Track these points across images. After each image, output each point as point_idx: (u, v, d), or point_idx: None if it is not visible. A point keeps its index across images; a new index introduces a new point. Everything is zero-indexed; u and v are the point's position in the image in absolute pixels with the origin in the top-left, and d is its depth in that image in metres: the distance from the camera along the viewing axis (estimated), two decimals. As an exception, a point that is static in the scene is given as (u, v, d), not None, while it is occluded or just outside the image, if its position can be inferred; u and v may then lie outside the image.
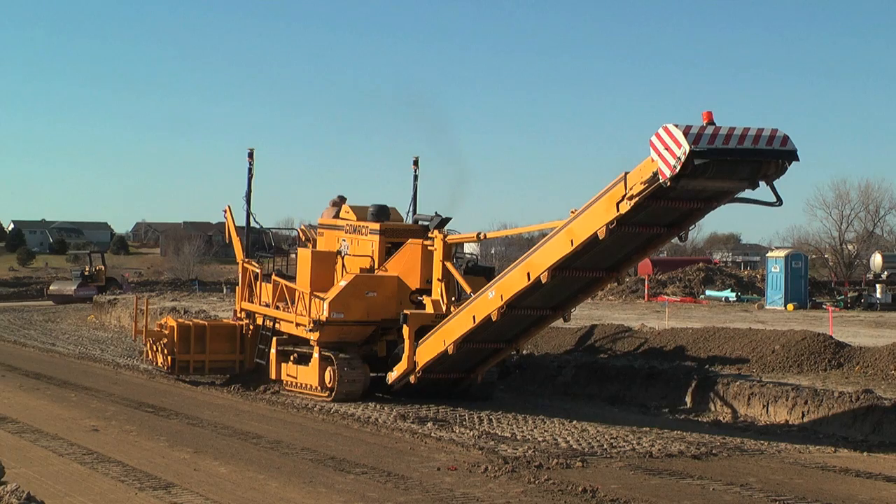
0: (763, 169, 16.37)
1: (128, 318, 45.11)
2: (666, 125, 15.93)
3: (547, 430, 18.76)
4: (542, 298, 19.74)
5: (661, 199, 16.78)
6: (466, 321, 20.17)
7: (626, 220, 17.21)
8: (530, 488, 13.87)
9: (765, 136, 16.10)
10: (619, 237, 17.73)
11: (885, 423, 18.45)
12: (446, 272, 21.77)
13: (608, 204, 17.13)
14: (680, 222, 18.03)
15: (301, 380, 23.38)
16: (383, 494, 13.38)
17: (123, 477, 14.19)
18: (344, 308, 22.22)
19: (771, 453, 16.98)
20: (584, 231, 17.69)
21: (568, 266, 18.62)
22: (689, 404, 21.82)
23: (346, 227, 24.17)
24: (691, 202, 17.27)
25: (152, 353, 26.33)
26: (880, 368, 22.11)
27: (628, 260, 19.25)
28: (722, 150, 15.86)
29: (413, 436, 18.05)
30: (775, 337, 24.71)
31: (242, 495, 13.22)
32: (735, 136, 15.93)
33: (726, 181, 16.62)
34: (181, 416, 20.01)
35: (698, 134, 15.74)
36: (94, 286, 63.96)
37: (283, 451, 16.33)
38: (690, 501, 13.39)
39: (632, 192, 16.64)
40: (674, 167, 15.76)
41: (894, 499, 13.83)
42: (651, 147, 16.12)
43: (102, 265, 69.69)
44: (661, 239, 19.02)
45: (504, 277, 19.61)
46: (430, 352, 21.09)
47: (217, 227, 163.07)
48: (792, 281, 48.08)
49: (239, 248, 26.71)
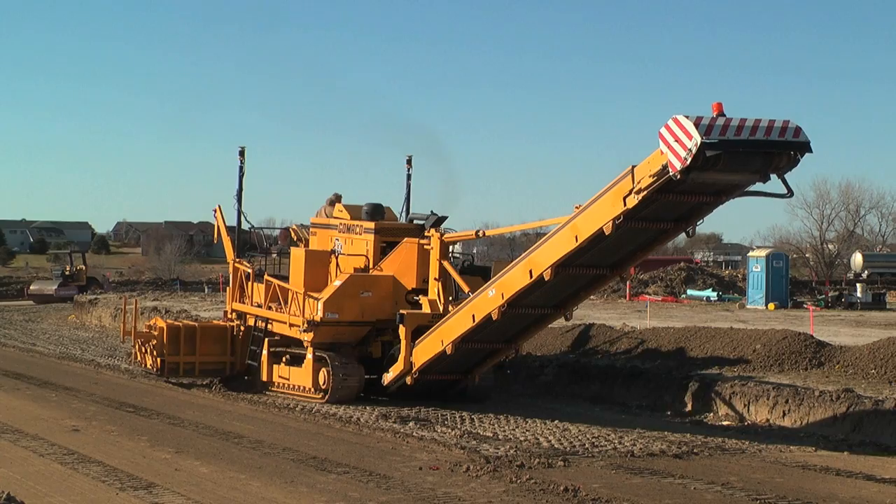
0: (775, 161, 16.05)
1: (109, 318, 45.01)
2: (676, 116, 15.56)
3: (529, 430, 18.77)
4: (543, 296, 19.41)
5: (670, 192, 16.46)
6: (466, 320, 19.85)
7: (633, 215, 16.87)
8: (512, 488, 13.88)
9: (777, 127, 15.77)
10: (625, 233, 17.36)
11: (865, 422, 18.51)
12: (443, 271, 21.44)
13: (615, 198, 16.76)
14: (688, 217, 17.69)
15: (294, 381, 22.99)
16: (365, 494, 13.37)
17: (104, 477, 14.14)
18: (338, 308, 21.87)
19: (752, 452, 17.03)
20: (589, 227, 17.30)
21: (571, 263, 18.28)
22: (671, 404, 21.86)
23: (339, 227, 23.82)
24: (700, 196, 16.94)
25: (141, 354, 25.76)
26: (861, 367, 22.19)
27: (633, 256, 18.93)
28: (734, 142, 15.52)
29: (395, 435, 18.03)
30: (756, 336, 24.77)
31: (224, 495, 13.19)
32: (747, 127, 15.59)
33: (737, 174, 16.29)
34: (162, 415, 19.96)
35: (710, 125, 15.38)
36: (74, 286, 63.71)
37: (265, 451, 16.30)
38: (672, 500, 13.42)
39: (640, 186, 16.25)
40: (684, 159, 15.36)
41: (874, 497, 13.89)
42: (660, 139, 15.72)
43: (83, 265, 69.43)
44: (668, 235, 18.57)
45: (505, 275, 19.24)
46: (428, 352, 20.75)
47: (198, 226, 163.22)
48: (773, 280, 48.24)
49: (229, 248, 26.25)
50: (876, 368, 21.92)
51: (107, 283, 69.93)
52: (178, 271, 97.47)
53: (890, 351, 22.35)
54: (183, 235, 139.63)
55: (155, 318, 28.07)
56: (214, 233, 27.71)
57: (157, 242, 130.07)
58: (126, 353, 27.69)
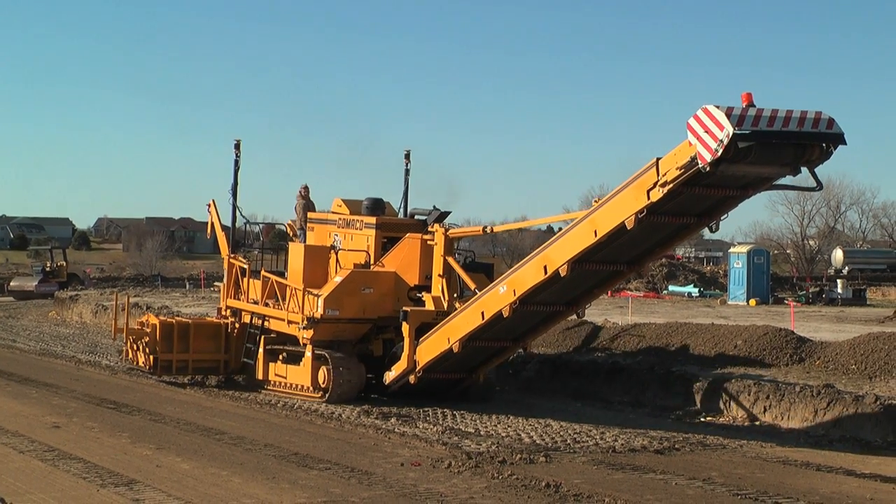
0: (807, 154, 15.64)
1: (90, 315, 44.87)
2: (706, 106, 15.10)
3: (510, 426, 18.78)
4: (556, 293, 18.95)
5: (697, 185, 15.97)
6: (474, 318, 19.35)
7: (656, 209, 16.37)
8: (494, 483, 13.88)
9: (809, 118, 15.34)
10: (646, 227, 16.81)
11: (845, 418, 18.58)
12: (448, 268, 21.01)
13: (637, 192, 16.24)
14: (712, 212, 17.15)
15: (291, 380, 22.47)
16: (347, 490, 13.36)
17: (85, 474, 14.08)
18: (339, 305, 21.36)
19: (733, 448, 17.08)
20: (609, 221, 16.79)
21: (588, 258, 17.78)
22: (652, 399, 21.90)
23: (338, 222, 23.31)
24: (728, 189, 16.44)
25: (132, 352, 25.20)
26: (841, 363, 22.27)
27: (651, 252, 18.49)
28: (766, 133, 15.10)
29: (377, 431, 18.02)
30: (737, 332, 24.84)
31: (205, 491, 13.15)
32: (779, 118, 15.15)
33: (767, 166, 15.86)
34: (143, 412, 19.90)
35: (741, 115, 14.93)
36: (55, 282, 63.46)
37: (247, 447, 16.27)
38: (653, 496, 13.44)
39: (665, 179, 15.77)
40: (715, 151, 14.88)
41: (854, 492, 13.94)
42: (689, 130, 15.25)
43: (64, 261, 69.17)
44: (690, 230, 18.05)
45: (517, 271, 18.79)
46: (433, 350, 20.26)
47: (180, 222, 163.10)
48: (754, 276, 48.48)
49: (224, 244, 25.61)
50: (856, 364, 22.00)
51: (87, 280, 69.77)
52: (160, 267, 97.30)
53: (870, 347, 22.44)
54: (164, 231, 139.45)
55: (147, 314, 27.56)
56: (208, 228, 26.94)
57: (139, 238, 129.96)
58: (117, 351, 27.31)
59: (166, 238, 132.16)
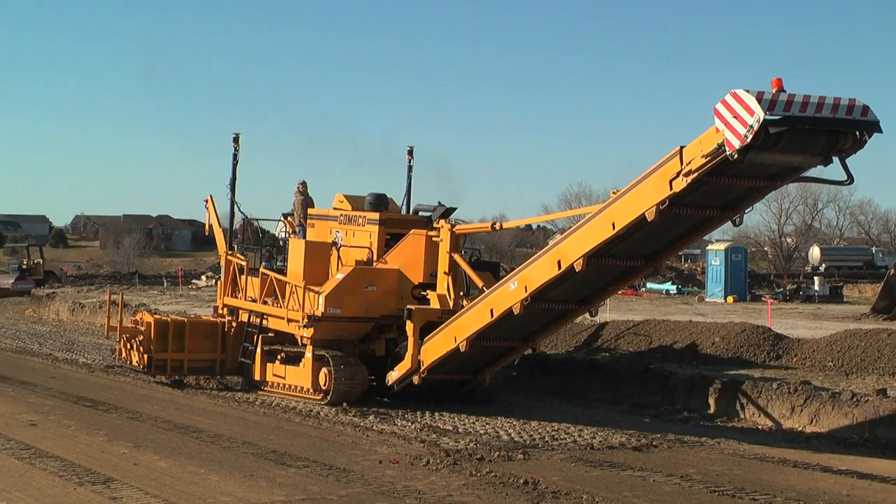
0: (840, 142, 14.91)
1: (66, 312, 44.73)
2: (735, 91, 14.36)
3: (489, 423, 18.79)
4: (569, 290, 18.20)
5: (723, 175, 15.32)
6: (483, 316, 18.66)
7: (679, 200, 15.72)
8: (472, 481, 13.89)
9: (843, 105, 14.61)
10: (667, 220, 16.12)
11: (821, 414, 18.67)
12: (453, 265, 20.32)
13: (659, 182, 15.54)
14: (736, 204, 16.50)
15: (290, 381, 21.86)
16: (325, 488, 13.34)
17: (62, 472, 14.03)
18: (341, 303, 20.63)
19: (710, 444, 17.14)
20: (629, 213, 16.04)
21: (605, 253, 17.05)
22: (630, 396, 21.95)
23: (339, 218, 22.62)
24: (755, 180, 15.79)
25: (126, 351, 24.58)
26: (818, 360, 22.40)
27: (671, 247, 17.80)
28: (799, 118, 14.38)
29: (355, 429, 18.01)
30: (715, 329, 24.95)
31: (183, 489, 13.12)
32: (812, 103, 14.43)
33: (798, 155, 15.15)
34: (121, 410, 19.83)
35: (773, 100, 14.19)
36: (32, 279, 63.18)
37: (224, 445, 16.23)
38: (631, 493, 13.47)
39: (690, 168, 15.07)
40: (744, 137, 14.16)
41: (831, 488, 14.00)
42: (716, 116, 14.54)
43: (41, 258, 68.87)
44: (713, 223, 17.28)
45: (528, 267, 18.07)
46: (439, 350, 19.53)
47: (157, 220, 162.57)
48: (732, 274, 48.67)
49: (221, 240, 24.93)
50: (833, 361, 22.13)
51: (64, 277, 69.50)
52: (137, 265, 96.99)
53: (846, 343, 22.59)
54: (142, 229, 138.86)
55: (141, 312, 26.97)
56: (206, 224, 26.25)
57: (116, 236, 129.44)
58: (111, 350, 26.94)
59: (144, 236, 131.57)
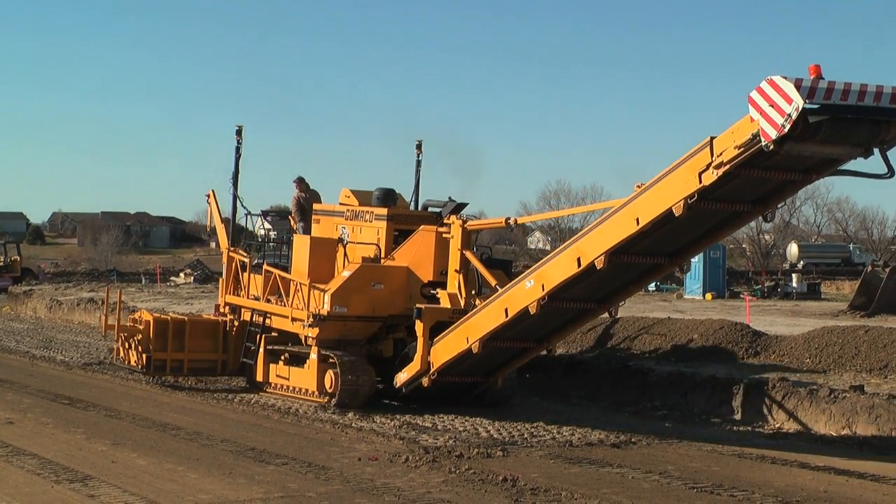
0: (882, 133, 14.18)
1: (44, 310, 44.55)
2: (771, 77, 13.56)
3: (467, 420, 18.77)
4: (589, 289, 17.50)
5: (756, 167, 14.60)
6: (497, 315, 17.88)
7: (708, 194, 15.02)
8: (451, 478, 13.89)
9: (887, 93, 13.77)
10: (694, 214, 15.38)
11: (799, 411, 18.74)
12: (465, 263, 19.55)
13: (688, 174, 14.82)
14: (768, 199, 15.82)
15: (294, 383, 21.17)
16: (304, 485, 13.32)
17: (39, 470, 13.97)
18: (347, 301, 19.99)
19: (689, 441, 17.17)
20: (654, 207, 15.32)
21: (628, 250, 16.29)
22: (609, 394, 21.98)
23: (346, 213, 21.84)
24: (790, 173, 15.08)
25: (124, 350, 24.01)
26: (796, 357, 22.47)
27: (696, 244, 17.10)
28: (840, 107, 13.64)
29: (334, 426, 17.99)
30: (694, 326, 25.00)
31: (161, 487, 13.08)
32: (853, 91, 13.65)
33: (838, 146, 14.40)
34: (99, 407, 19.75)
35: (812, 87, 13.39)
36: (8, 277, 62.86)
37: (203, 443, 16.19)
38: (610, 489, 13.49)
39: (721, 159, 14.33)
40: (781, 126, 13.39)
41: (809, 484, 14.06)
42: (751, 104, 13.74)
43: (18, 255, 68.52)
44: (743, 219, 16.59)
45: (546, 265, 17.34)
46: (450, 351, 18.78)
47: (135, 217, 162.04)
48: (710, 271, 48.77)
49: (223, 236, 24.39)
50: (811, 357, 22.20)
51: (42, 274, 69.22)
52: (115, 262, 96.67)
53: (824, 340, 22.66)
54: (120, 226, 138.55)
55: (140, 310, 26.36)
56: (207, 219, 25.74)
57: (94, 233, 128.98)
58: (108, 349, 26.65)
59: (122, 233, 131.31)
